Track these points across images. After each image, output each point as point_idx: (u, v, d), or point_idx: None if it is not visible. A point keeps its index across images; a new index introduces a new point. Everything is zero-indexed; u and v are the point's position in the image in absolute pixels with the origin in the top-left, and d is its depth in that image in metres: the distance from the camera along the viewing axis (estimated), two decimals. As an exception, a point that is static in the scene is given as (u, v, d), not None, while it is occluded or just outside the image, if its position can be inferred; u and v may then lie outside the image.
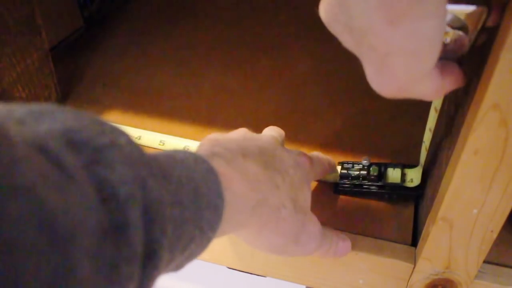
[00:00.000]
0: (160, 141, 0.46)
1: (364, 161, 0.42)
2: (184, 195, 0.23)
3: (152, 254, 0.20)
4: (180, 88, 0.54)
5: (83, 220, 0.16)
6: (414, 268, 0.37)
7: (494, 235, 0.33)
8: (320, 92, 0.54)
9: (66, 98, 0.52)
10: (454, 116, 0.34)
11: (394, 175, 0.42)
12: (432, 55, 0.22)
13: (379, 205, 0.42)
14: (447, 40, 0.25)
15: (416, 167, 0.42)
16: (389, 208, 0.41)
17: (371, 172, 0.41)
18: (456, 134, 0.32)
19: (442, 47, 0.22)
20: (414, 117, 0.50)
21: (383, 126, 0.49)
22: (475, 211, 0.32)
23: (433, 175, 0.38)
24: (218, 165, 0.27)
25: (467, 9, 0.26)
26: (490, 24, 0.25)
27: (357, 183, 0.41)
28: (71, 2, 0.58)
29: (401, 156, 0.45)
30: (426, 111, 0.51)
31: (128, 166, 0.19)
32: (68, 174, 0.17)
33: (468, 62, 0.28)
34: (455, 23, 0.25)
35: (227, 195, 0.26)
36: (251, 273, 0.45)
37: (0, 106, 0.18)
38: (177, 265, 0.25)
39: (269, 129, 0.39)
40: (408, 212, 0.41)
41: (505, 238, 0.38)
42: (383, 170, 0.42)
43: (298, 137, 0.48)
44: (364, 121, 0.50)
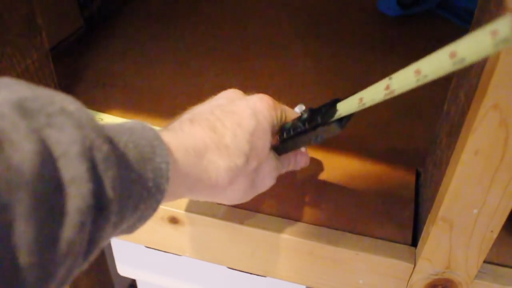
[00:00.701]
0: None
1: (297, 109, 0.38)
2: (131, 158, 0.25)
3: (103, 208, 0.22)
4: (180, 88, 0.54)
5: (27, 175, 0.19)
6: (414, 268, 0.37)
7: (494, 235, 0.33)
8: (320, 92, 0.54)
9: (66, 98, 0.52)
10: (454, 115, 0.34)
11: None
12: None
13: (379, 205, 0.42)
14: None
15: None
16: (389, 208, 0.41)
17: (302, 116, 0.35)
18: (456, 134, 0.32)
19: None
20: (414, 117, 0.50)
21: (384, 126, 0.49)
22: (475, 211, 0.32)
23: (433, 175, 0.38)
24: (163, 134, 0.29)
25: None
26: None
27: (294, 132, 0.36)
28: (71, 2, 0.58)
29: (401, 156, 0.46)
30: (426, 112, 0.51)
31: (77, 129, 0.21)
32: (17, 136, 0.19)
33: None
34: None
35: (173, 161, 0.28)
36: (251, 273, 0.45)
37: None
38: (129, 226, 0.26)
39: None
40: (408, 212, 0.41)
41: (505, 238, 0.38)
42: (317, 116, 0.34)
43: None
44: (364, 122, 0.50)
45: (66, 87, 0.53)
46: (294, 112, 0.39)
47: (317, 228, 0.40)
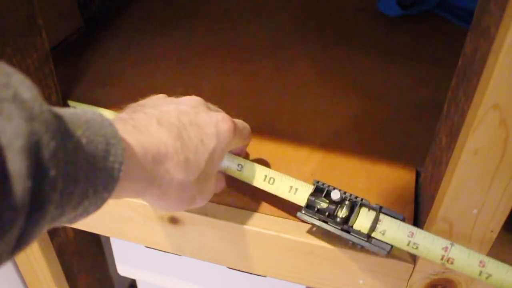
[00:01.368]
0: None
1: (335, 196, 0.36)
2: (81, 155, 0.24)
3: (39, 206, 0.21)
4: (180, 88, 0.54)
5: None
6: (414, 268, 0.37)
7: (494, 235, 0.33)
8: (320, 92, 0.54)
9: (66, 98, 0.52)
10: (454, 116, 0.34)
11: (364, 220, 0.35)
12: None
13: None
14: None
15: (396, 218, 0.35)
16: (389, 208, 0.41)
17: (338, 212, 0.36)
18: (456, 134, 0.32)
19: None
20: (414, 117, 0.50)
21: (383, 126, 0.49)
22: (475, 211, 0.32)
23: (433, 175, 0.38)
24: (125, 131, 0.28)
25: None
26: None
27: (321, 219, 0.36)
28: (71, 2, 0.58)
29: (400, 156, 0.46)
30: (426, 111, 0.51)
31: (26, 121, 0.20)
32: None
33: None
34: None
35: (128, 163, 0.27)
36: (251, 273, 0.45)
37: None
38: (69, 219, 0.26)
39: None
40: (408, 212, 0.41)
41: (505, 237, 0.38)
42: (355, 208, 0.35)
43: (297, 135, 0.48)
44: (364, 122, 0.50)
45: (66, 87, 0.53)
46: (244, 138, 0.39)
47: (317, 229, 0.40)
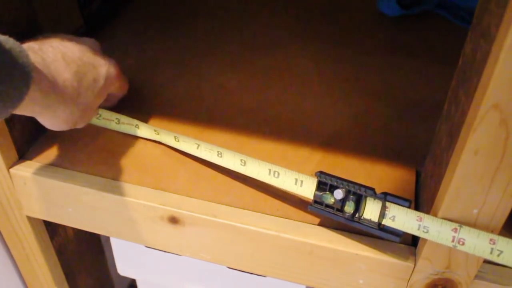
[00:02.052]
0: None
1: (338, 196, 0.36)
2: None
3: None
4: (180, 88, 0.54)
5: None
6: (414, 268, 0.37)
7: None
8: (320, 92, 0.54)
9: (66, 98, 0.52)
10: (454, 115, 0.34)
11: (372, 209, 0.36)
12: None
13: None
14: None
15: (404, 202, 0.35)
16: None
17: (345, 208, 0.37)
18: (456, 134, 0.32)
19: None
20: (415, 117, 0.50)
21: (384, 126, 0.49)
22: (475, 211, 0.32)
23: (433, 175, 0.38)
24: (35, 59, 0.34)
25: None
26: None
27: (331, 212, 0.37)
28: (71, 2, 0.58)
29: (400, 156, 0.45)
30: (426, 111, 0.51)
31: None
32: None
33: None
34: None
35: (32, 87, 0.33)
36: (251, 273, 0.45)
37: None
38: None
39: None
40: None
41: (506, 237, 0.37)
42: (360, 201, 0.36)
43: (297, 135, 0.48)
44: (364, 122, 0.50)
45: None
46: (122, 87, 0.48)
47: (317, 228, 0.40)
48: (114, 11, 0.67)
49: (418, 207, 0.41)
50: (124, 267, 0.61)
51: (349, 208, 0.36)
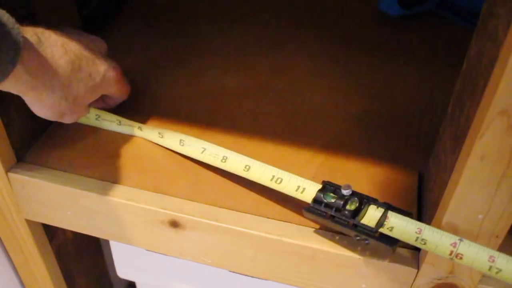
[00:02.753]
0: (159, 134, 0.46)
1: (345, 190, 0.37)
2: None
3: None
4: (180, 88, 0.53)
5: None
6: (417, 272, 0.37)
7: (499, 241, 0.33)
8: (320, 92, 0.53)
9: (64, 99, 0.51)
10: (458, 119, 0.34)
11: (372, 216, 0.35)
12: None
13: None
14: None
15: (405, 214, 0.35)
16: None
17: (347, 206, 0.36)
18: (462, 139, 0.31)
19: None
20: (415, 117, 0.50)
21: (385, 127, 0.49)
22: (480, 216, 0.32)
23: (437, 179, 0.38)
24: (32, 39, 0.35)
25: None
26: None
27: (330, 213, 0.36)
28: (70, 2, 0.58)
29: (403, 158, 0.45)
30: (428, 113, 0.50)
31: None
32: None
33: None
34: None
35: (20, 66, 0.33)
36: (253, 277, 0.45)
37: None
38: None
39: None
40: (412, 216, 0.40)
41: (510, 242, 0.37)
42: (363, 206, 0.36)
43: (298, 137, 0.47)
44: (365, 123, 0.49)
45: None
46: (122, 92, 0.47)
47: (319, 232, 0.39)
48: (113, 11, 0.66)
49: (421, 211, 0.41)
50: (123, 270, 0.61)
51: (352, 206, 0.36)
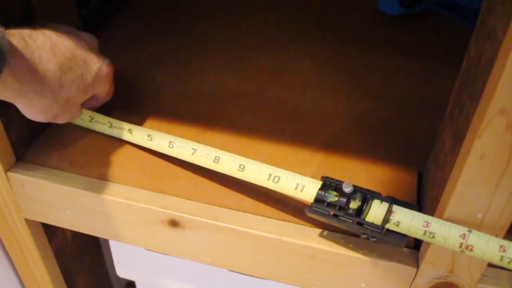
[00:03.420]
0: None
1: (346, 188, 0.35)
2: None
3: None
4: (180, 88, 0.53)
5: None
6: (417, 272, 0.37)
7: (499, 240, 0.33)
8: (320, 92, 0.53)
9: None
10: (457, 118, 0.34)
11: (377, 212, 0.34)
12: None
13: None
14: None
15: (410, 207, 0.34)
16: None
17: (350, 204, 0.35)
18: (461, 138, 0.31)
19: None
20: (415, 117, 0.50)
21: (384, 127, 0.49)
22: (479, 215, 0.32)
23: (436, 178, 0.38)
24: (18, 44, 0.34)
25: None
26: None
27: (333, 212, 0.35)
28: (69, 1, 0.58)
29: (402, 157, 0.45)
30: (427, 112, 0.50)
31: None
32: None
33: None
34: None
35: (6, 73, 0.32)
36: (252, 276, 0.45)
37: None
38: None
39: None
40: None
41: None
42: (366, 202, 0.35)
43: (298, 137, 0.47)
44: (365, 122, 0.49)
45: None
46: (109, 90, 0.46)
47: (319, 232, 0.39)
48: (113, 11, 0.66)
49: (421, 210, 0.41)
50: (123, 269, 0.61)
51: (355, 204, 0.35)
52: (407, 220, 0.33)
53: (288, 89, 0.54)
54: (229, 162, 0.40)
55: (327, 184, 0.37)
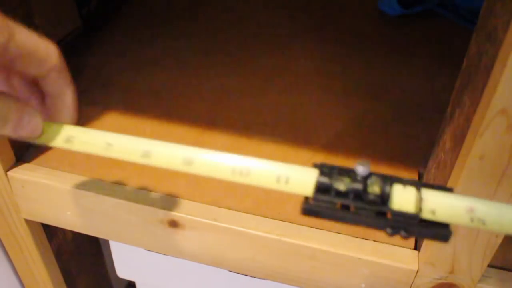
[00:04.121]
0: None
1: (360, 167, 0.24)
2: None
3: None
4: (180, 88, 0.53)
5: None
6: (417, 272, 0.37)
7: (499, 240, 0.33)
8: (320, 92, 0.53)
9: (64, 98, 0.51)
10: (458, 118, 0.34)
11: (404, 199, 0.24)
12: None
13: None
14: None
15: (442, 189, 0.24)
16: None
17: (368, 189, 0.24)
18: (461, 138, 0.31)
19: None
20: (415, 118, 0.50)
21: (385, 127, 0.49)
22: (480, 216, 0.31)
23: (436, 178, 0.38)
24: None
25: None
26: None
27: (343, 203, 0.24)
28: (69, 2, 0.58)
29: (402, 158, 0.45)
30: (428, 112, 0.50)
31: None
32: None
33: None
34: None
35: None
36: (252, 277, 0.44)
37: None
38: None
39: None
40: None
41: (510, 242, 0.37)
42: (385, 187, 0.24)
43: (298, 137, 0.47)
44: (365, 122, 0.49)
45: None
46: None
47: (319, 232, 0.39)
48: (112, 11, 0.66)
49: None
50: (123, 270, 0.61)
51: (375, 188, 0.24)
52: (445, 205, 0.24)
53: (288, 89, 0.54)
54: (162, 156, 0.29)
55: (325, 172, 0.26)
